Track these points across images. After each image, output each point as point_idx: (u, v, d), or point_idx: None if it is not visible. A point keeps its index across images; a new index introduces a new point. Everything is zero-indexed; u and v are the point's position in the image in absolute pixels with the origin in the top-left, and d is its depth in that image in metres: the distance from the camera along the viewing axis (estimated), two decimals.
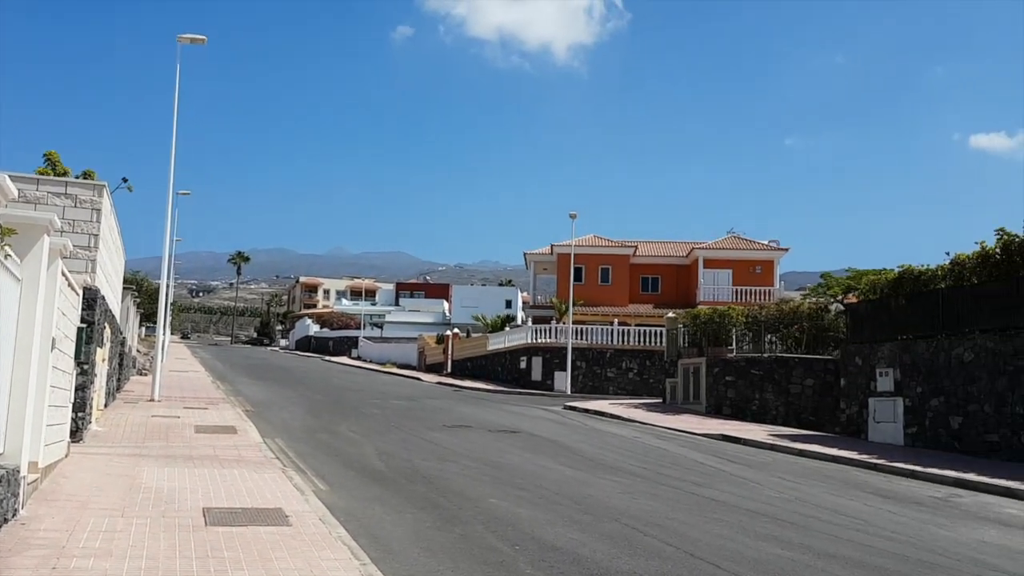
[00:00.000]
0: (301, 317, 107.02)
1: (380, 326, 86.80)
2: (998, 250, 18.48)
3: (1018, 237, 18.00)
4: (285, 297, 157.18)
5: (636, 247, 55.64)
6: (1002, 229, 18.61)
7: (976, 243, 19.39)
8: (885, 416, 20.96)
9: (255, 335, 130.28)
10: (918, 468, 15.98)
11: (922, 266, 21.36)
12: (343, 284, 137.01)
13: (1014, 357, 17.31)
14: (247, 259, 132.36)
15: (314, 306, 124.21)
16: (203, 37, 24.81)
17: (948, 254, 20.45)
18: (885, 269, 25.76)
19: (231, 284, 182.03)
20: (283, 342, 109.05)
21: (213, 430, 17.78)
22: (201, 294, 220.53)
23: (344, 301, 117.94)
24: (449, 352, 53.69)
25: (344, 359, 72.29)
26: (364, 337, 78.81)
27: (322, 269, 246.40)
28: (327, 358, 73.61)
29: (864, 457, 17.66)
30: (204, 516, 9.29)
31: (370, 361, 67.78)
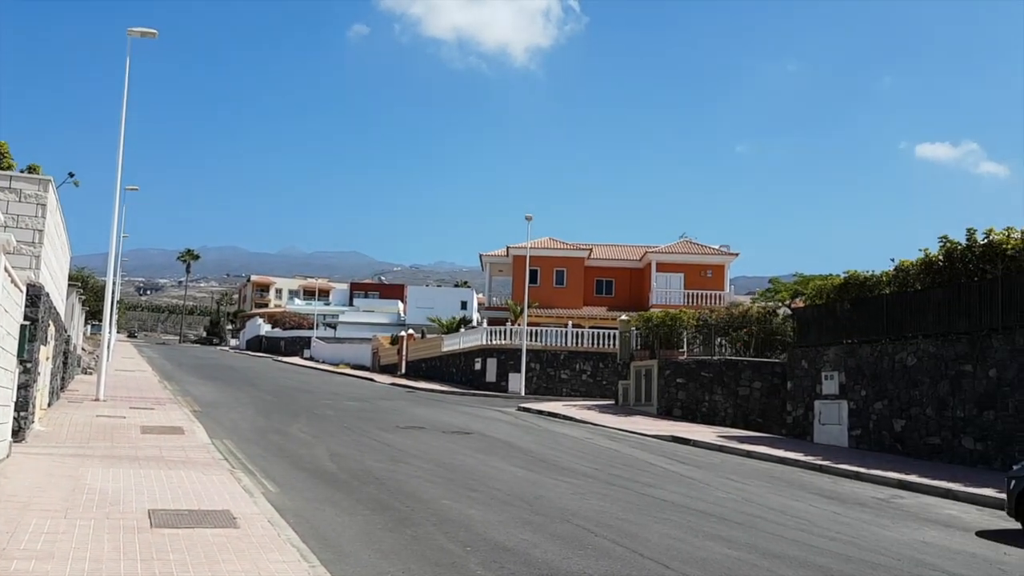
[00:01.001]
0: (252, 316, 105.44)
1: (333, 326, 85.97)
2: (941, 257, 19.03)
3: (960, 245, 18.56)
4: (236, 296, 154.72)
5: (591, 250, 56.03)
6: (945, 237, 19.18)
7: (920, 250, 19.96)
8: (830, 418, 21.44)
9: (204, 334, 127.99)
10: (862, 469, 16.39)
11: (867, 272, 21.89)
12: (296, 283, 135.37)
13: (955, 362, 17.86)
14: (197, 257, 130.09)
15: (266, 305, 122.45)
16: (154, 31, 24.35)
17: (893, 260, 21.01)
18: (831, 275, 26.31)
19: (180, 282, 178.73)
20: (233, 342, 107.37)
21: (160, 431, 17.45)
22: (149, 292, 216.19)
23: (297, 301, 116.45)
24: (403, 353, 53.43)
25: (296, 359, 71.44)
26: (317, 337, 77.98)
27: (274, 268, 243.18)
28: (279, 358, 72.67)
29: (809, 458, 18.05)
30: (149, 518, 9.13)
31: (323, 362, 67.11)
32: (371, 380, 47.36)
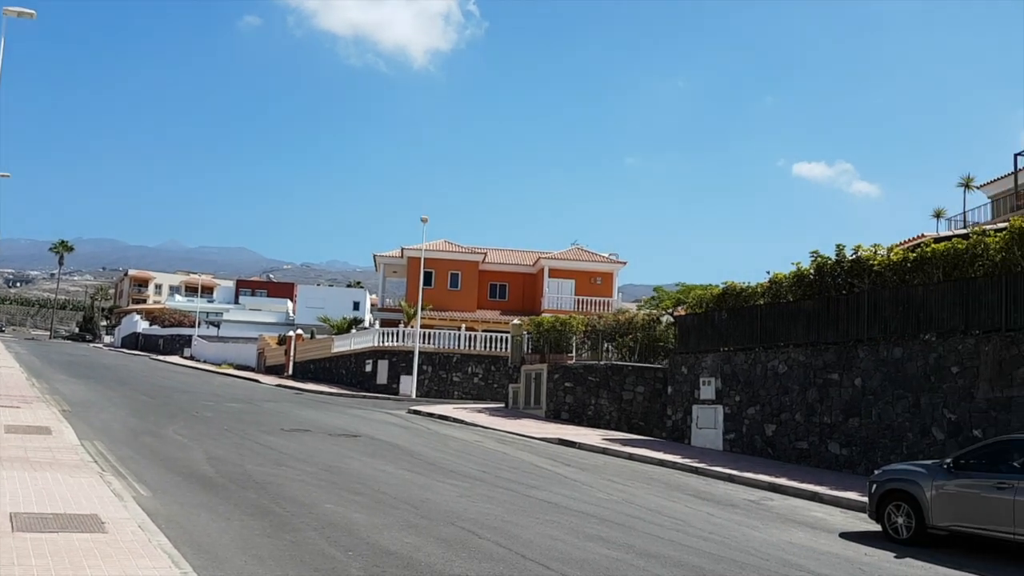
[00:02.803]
0: (129, 313, 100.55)
1: (217, 325, 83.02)
2: (812, 271, 20.12)
3: (830, 260, 19.67)
4: (112, 291, 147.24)
5: (486, 254, 56.31)
6: (816, 252, 20.28)
7: (793, 264, 21.05)
8: (707, 422, 22.32)
9: (77, 330, 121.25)
10: (735, 472, 17.13)
11: (744, 283, 22.89)
12: (177, 279, 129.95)
13: (823, 370, 18.91)
14: (71, 249, 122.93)
15: (144, 301, 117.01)
16: (32, 12, 22.94)
17: (768, 273, 22.04)
18: (711, 285, 27.40)
19: (52, 275, 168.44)
20: (108, 339, 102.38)
21: (25, 430, 16.44)
22: (19, 284, 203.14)
23: (178, 297, 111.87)
24: (291, 354, 52.17)
25: (176, 359, 68.62)
26: (199, 336, 75.08)
27: (155, 262, 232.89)
28: (157, 357, 69.63)
29: (687, 461, 18.74)
30: (11, 522, 8.63)
31: (204, 361, 64.71)
32: (256, 381, 46.03)
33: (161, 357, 69.65)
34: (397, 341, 43.39)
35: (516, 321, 38.27)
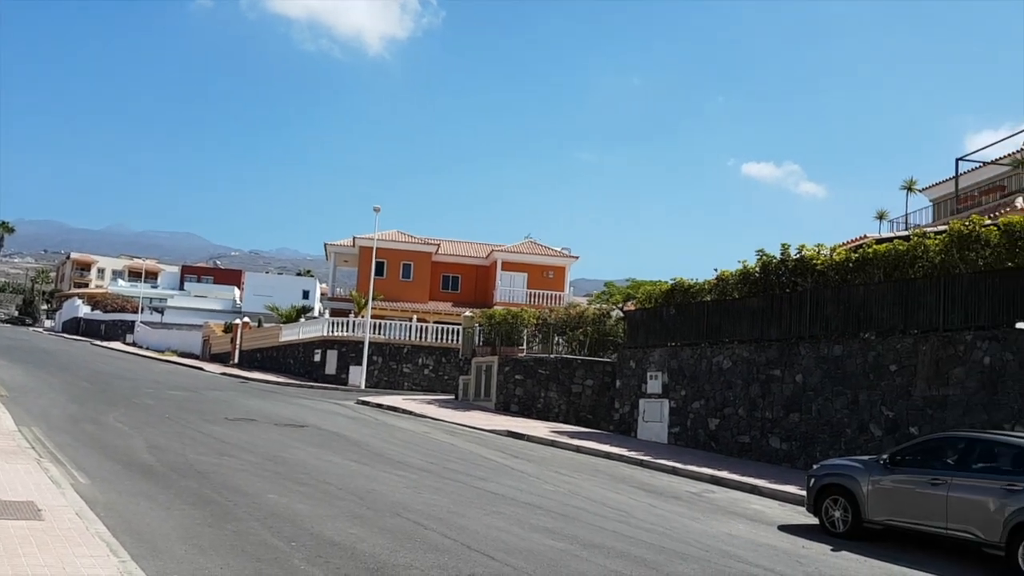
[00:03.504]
0: (71, 297, 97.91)
1: (161, 311, 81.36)
2: (758, 269, 20.51)
3: (775, 259, 20.07)
4: (53, 274, 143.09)
5: (439, 245, 56.08)
6: (762, 250, 20.67)
7: (739, 262, 21.43)
8: (653, 416, 22.63)
9: (16, 314, 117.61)
10: (679, 465, 17.41)
11: (692, 280, 23.25)
12: (121, 264, 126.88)
13: (766, 366, 19.30)
14: (11, 230, 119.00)
15: (86, 286, 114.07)
16: None
17: (716, 270, 22.41)
18: (661, 281, 27.75)
19: None
20: (48, 323, 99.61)
21: None
22: None
23: (121, 282, 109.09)
24: (237, 342, 51.34)
25: (118, 344, 67.06)
26: (142, 322, 73.46)
27: (98, 246, 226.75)
28: (98, 342, 67.95)
29: (632, 454, 18.98)
30: None
31: (147, 348, 63.35)
32: (200, 369, 45.22)
33: (103, 343, 68.00)
34: (347, 331, 43.01)
35: (468, 313, 38.24)
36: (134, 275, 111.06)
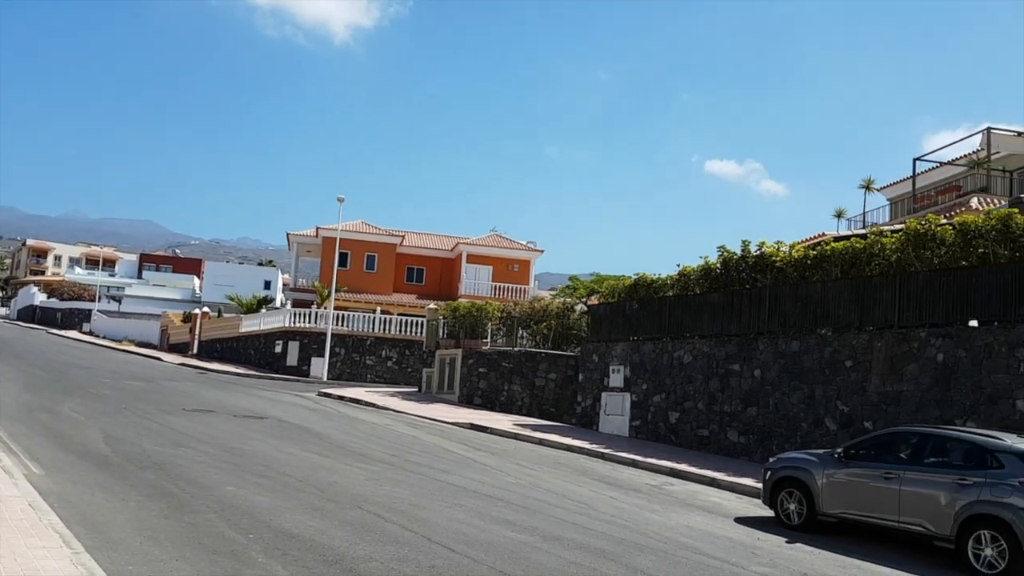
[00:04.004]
0: (26, 284, 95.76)
1: (119, 300, 79.87)
2: (719, 265, 20.74)
3: (736, 255, 20.31)
4: (8, 261, 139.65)
5: (404, 236, 55.78)
6: (723, 247, 20.90)
7: (701, 258, 21.65)
8: (615, 409, 22.81)
9: None
10: (639, 458, 17.58)
11: (655, 275, 23.44)
12: (79, 251, 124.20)
13: (725, 361, 19.55)
14: None
15: (42, 273, 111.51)
16: None
17: (678, 266, 22.61)
18: (624, 276, 27.93)
19: None
20: (3, 311, 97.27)
21: None
22: None
23: (78, 270, 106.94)
24: (196, 332, 50.63)
25: (74, 333, 65.71)
26: (99, 310, 72.08)
27: (55, 233, 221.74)
28: (54, 331, 66.52)
29: (594, 447, 19.11)
30: None
31: (104, 337, 62.18)
32: (158, 359, 44.54)
33: (59, 331, 66.59)
34: (309, 322, 42.64)
35: (432, 305, 38.14)
36: (92, 263, 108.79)
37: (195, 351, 49.73)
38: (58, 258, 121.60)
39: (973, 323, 14.81)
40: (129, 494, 10.24)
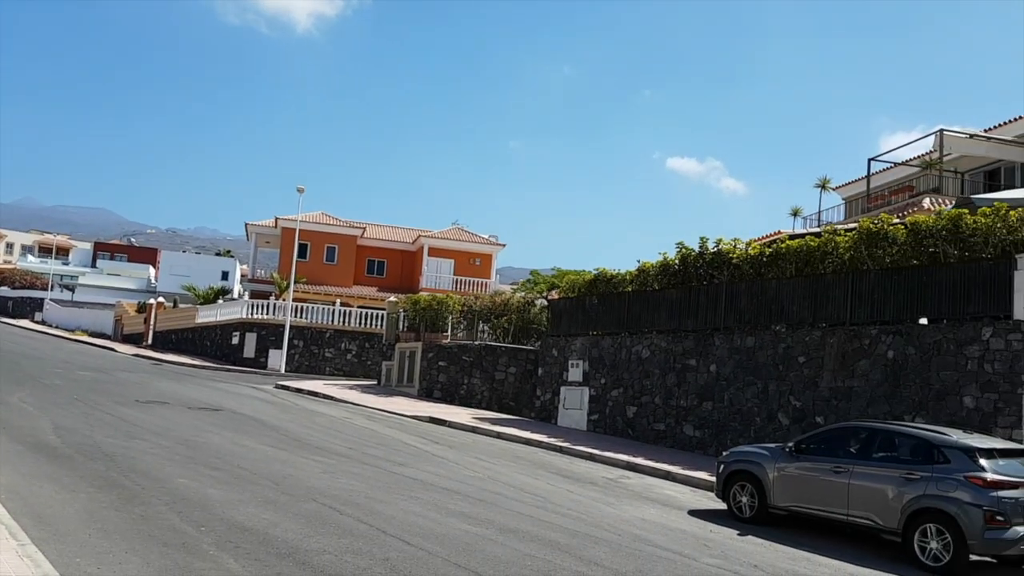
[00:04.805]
0: None
1: (72, 289, 78.19)
2: (677, 261, 20.95)
3: (694, 251, 20.53)
4: None
5: (364, 228, 55.40)
6: (681, 243, 21.12)
7: (660, 254, 21.86)
8: (573, 403, 22.95)
9: None
10: (596, 451, 17.72)
11: (615, 270, 23.59)
12: (31, 239, 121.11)
13: (682, 356, 19.77)
14: None
15: None
16: None
17: (639, 262, 22.80)
18: (585, 270, 28.09)
19: None
20: None
21: None
22: None
23: (30, 258, 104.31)
24: (151, 322, 49.77)
25: (25, 323, 64.15)
26: (51, 300, 70.52)
27: (6, 219, 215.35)
28: (5, 320, 64.87)
29: (552, 440, 19.22)
30: None
31: (57, 327, 60.85)
32: (111, 350, 43.71)
33: (9, 320, 64.96)
34: (267, 314, 42.15)
35: (392, 298, 37.95)
36: (44, 251, 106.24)
37: (150, 342, 48.90)
38: (10, 246, 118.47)
39: (923, 321, 15.17)
40: (79, 486, 10.06)
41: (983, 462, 10.06)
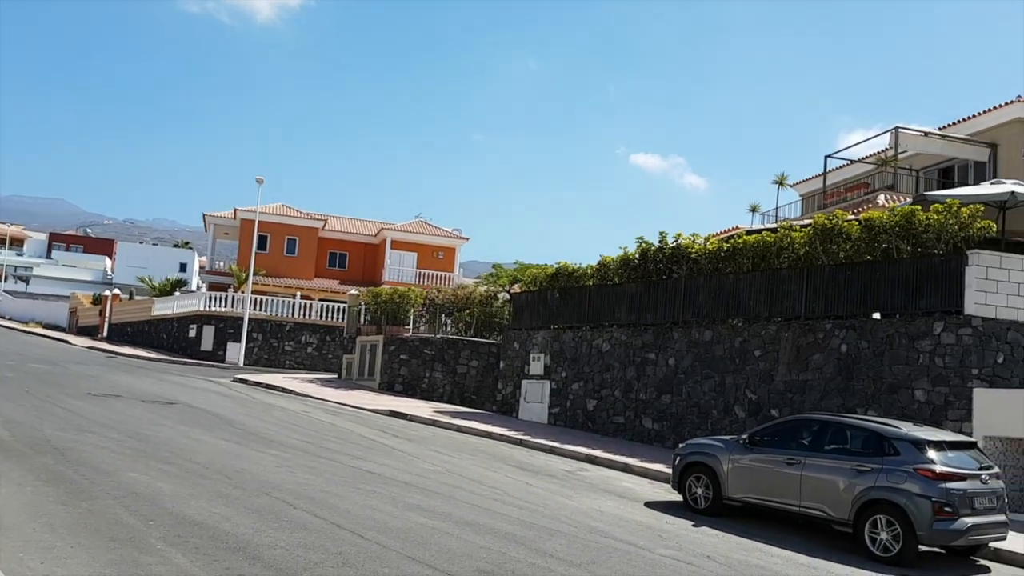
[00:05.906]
0: None
1: (26, 280, 76.49)
2: (637, 256, 21.07)
3: (653, 246, 20.66)
4: None
5: (326, 221, 54.85)
6: (641, 238, 21.25)
7: (620, 248, 21.96)
8: (534, 397, 23.00)
9: None
10: (556, 444, 17.78)
11: (576, 264, 23.68)
12: None
13: (642, 349, 19.91)
14: None
15: None
16: None
17: (600, 256, 22.89)
18: (547, 264, 28.13)
19: None
20: None
21: None
22: None
23: None
24: (107, 314, 48.81)
25: None
26: (5, 291, 68.87)
27: None
28: None
29: (512, 433, 19.24)
30: None
31: (10, 319, 59.40)
32: (65, 342, 42.80)
33: None
34: (225, 306, 41.58)
35: (353, 291, 37.67)
36: None
37: (105, 334, 47.98)
38: None
39: (876, 316, 15.44)
40: (26, 479, 9.83)
41: (932, 454, 10.27)
